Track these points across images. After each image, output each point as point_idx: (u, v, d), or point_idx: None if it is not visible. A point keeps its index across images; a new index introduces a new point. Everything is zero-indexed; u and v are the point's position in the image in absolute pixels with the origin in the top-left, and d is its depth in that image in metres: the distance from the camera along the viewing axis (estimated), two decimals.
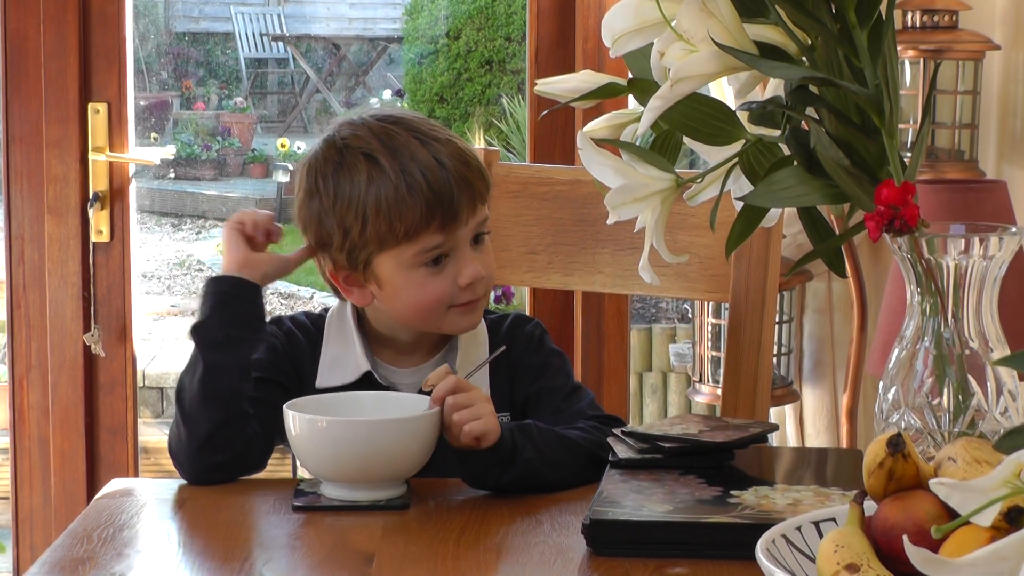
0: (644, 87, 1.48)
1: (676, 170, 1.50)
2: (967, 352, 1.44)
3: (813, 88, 1.42)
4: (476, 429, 1.75)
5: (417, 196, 1.87)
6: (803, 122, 1.46)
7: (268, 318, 1.95)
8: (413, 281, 1.91)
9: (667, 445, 1.75)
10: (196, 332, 1.88)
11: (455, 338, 1.99)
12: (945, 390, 1.44)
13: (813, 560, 1.26)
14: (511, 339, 1.99)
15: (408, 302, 1.92)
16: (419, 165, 1.89)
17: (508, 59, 9.46)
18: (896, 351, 1.47)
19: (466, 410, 1.75)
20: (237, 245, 1.92)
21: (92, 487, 3.20)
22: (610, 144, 1.52)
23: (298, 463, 1.90)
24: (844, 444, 3.17)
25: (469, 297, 1.93)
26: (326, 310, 2.02)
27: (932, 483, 1.14)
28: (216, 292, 1.90)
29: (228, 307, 1.88)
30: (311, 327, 2.00)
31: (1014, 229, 1.44)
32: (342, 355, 1.97)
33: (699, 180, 1.51)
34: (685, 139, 1.51)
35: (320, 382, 1.96)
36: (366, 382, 1.95)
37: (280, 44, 11.57)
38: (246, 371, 1.87)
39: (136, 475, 3.27)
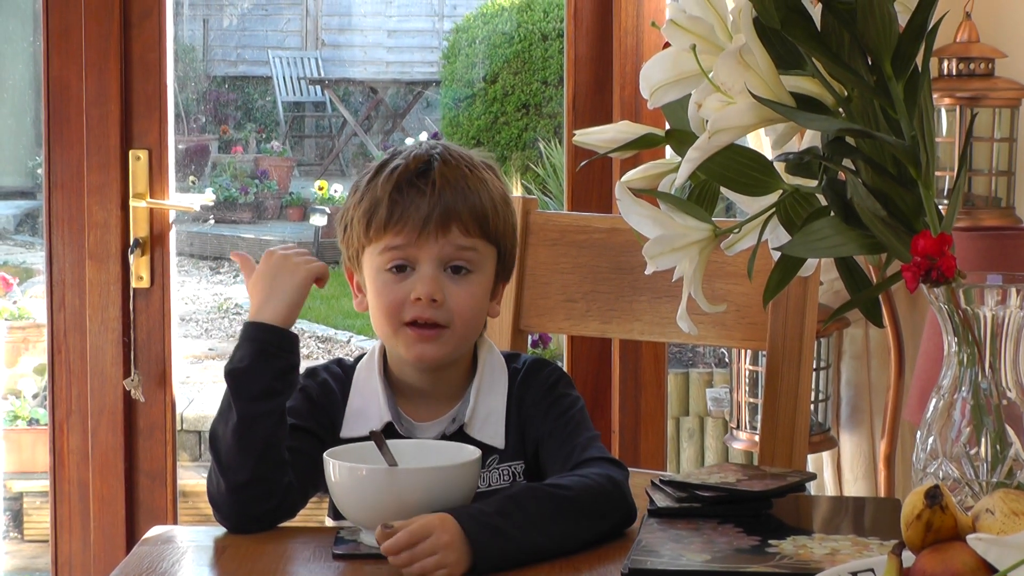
0: (682, 138, 1.49)
1: (713, 219, 1.51)
2: (1004, 402, 1.44)
3: (850, 139, 1.43)
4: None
5: (387, 185, 1.91)
6: (840, 173, 1.46)
7: (304, 366, 1.93)
8: (376, 285, 1.93)
9: (705, 494, 1.75)
10: (233, 378, 1.84)
11: (469, 388, 1.96)
12: (983, 440, 1.44)
13: None
14: (524, 386, 1.96)
15: (373, 306, 1.95)
16: (412, 173, 1.92)
17: (545, 103, 9.48)
18: (934, 401, 1.47)
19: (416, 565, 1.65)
20: (300, 294, 1.89)
21: (131, 532, 3.21)
22: (648, 194, 1.53)
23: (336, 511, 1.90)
24: (882, 490, 3.15)
25: (417, 314, 1.90)
26: (360, 357, 2.01)
27: (969, 539, 1.15)
28: (257, 340, 1.86)
29: (270, 359, 1.85)
30: (343, 376, 1.98)
31: None
32: (366, 405, 1.95)
33: (737, 230, 1.52)
34: (722, 189, 1.52)
35: (344, 432, 1.94)
36: (387, 433, 1.91)
37: (318, 88, 11.62)
38: (282, 419, 1.85)
39: (175, 519, 3.28)
